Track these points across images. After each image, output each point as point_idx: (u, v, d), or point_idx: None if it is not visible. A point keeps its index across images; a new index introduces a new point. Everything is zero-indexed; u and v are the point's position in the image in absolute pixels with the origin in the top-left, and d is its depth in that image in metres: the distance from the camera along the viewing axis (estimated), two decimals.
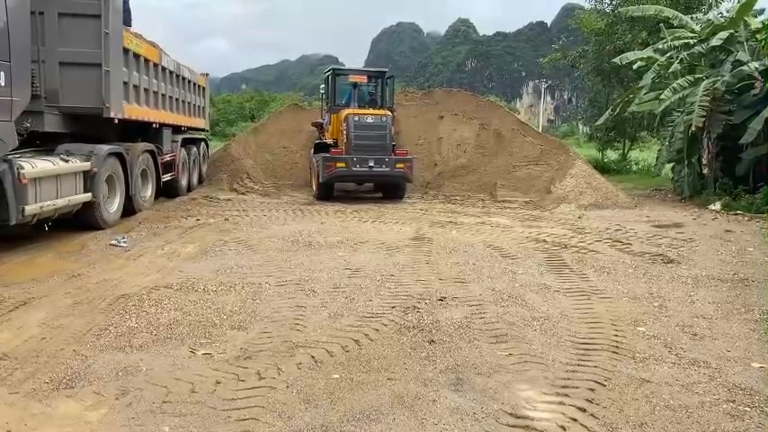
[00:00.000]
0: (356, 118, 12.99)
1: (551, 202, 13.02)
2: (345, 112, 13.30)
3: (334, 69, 14.56)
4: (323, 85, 15.05)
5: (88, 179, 8.22)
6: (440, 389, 3.62)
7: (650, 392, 3.63)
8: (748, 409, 3.46)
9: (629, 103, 16.42)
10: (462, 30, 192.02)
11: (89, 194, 8.20)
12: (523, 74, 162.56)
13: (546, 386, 3.69)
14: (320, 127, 15.10)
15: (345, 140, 12.97)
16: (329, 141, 13.89)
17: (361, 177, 13.77)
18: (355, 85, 13.88)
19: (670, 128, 14.91)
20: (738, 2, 14.28)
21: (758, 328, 4.92)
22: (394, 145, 13.45)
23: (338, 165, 12.65)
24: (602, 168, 20.94)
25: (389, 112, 13.61)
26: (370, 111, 13.53)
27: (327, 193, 13.32)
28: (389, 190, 14.01)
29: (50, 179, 7.34)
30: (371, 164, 12.71)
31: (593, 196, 13.24)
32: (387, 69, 14.85)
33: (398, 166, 13.01)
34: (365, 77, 14.28)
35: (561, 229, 9.72)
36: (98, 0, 8.16)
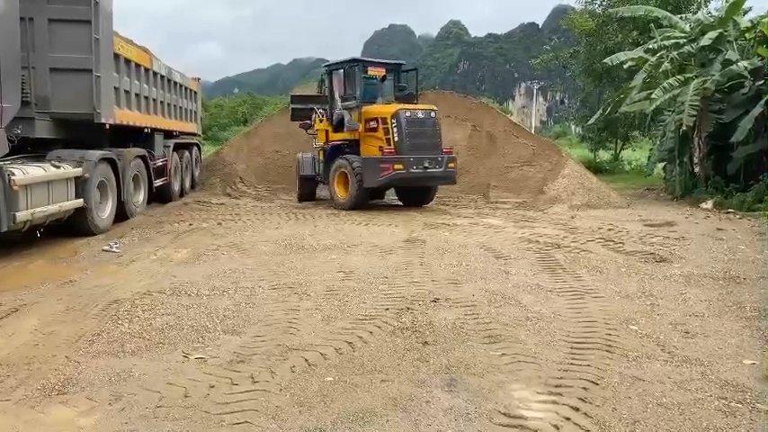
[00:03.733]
0: (407, 114, 11.72)
1: (544, 203, 13.06)
2: (392, 107, 11.90)
3: (357, 60, 12.65)
4: (322, 79, 13.29)
5: (80, 185, 8.20)
6: (433, 390, 3.62)
7: (643, 390, 3.64)
8: (740, 406, 3.47)
9: (620, 103, 16.51)
10: (454, 31, 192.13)
11: (81, 200, 8.17)
12: (515, 75, 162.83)
13: (539, 385, 3.70)
14: (308, 127, 13.70)
15: (395, 140, 11.58)
16: (334, 142, 12.63)
17: (417, 180, 12.19)
18: (383, 78, 12.69)
19: (661, 127, 15.03)
20: (727, 1, 14.40)
21: (750, 325, 4.93)
22: None
23: (396, 167, 11.41)
24: (595, 168, 21.04)
25: (435, 107, 12.60)
26: (419, 105, 12.30)
27: (365, 199, 12.19)
28: (419, 195, 12.84)
29: (42, 185, 7.31)
30: (426, 164, 11.62)
31: (585, 196, 13.29)
32: (404, 62, 13.89)
33: (450, 165, 12.07)
34: (385, 70, 12.77)
35: (554, 230, 9.75)
36: (88, 6, 8.15)
